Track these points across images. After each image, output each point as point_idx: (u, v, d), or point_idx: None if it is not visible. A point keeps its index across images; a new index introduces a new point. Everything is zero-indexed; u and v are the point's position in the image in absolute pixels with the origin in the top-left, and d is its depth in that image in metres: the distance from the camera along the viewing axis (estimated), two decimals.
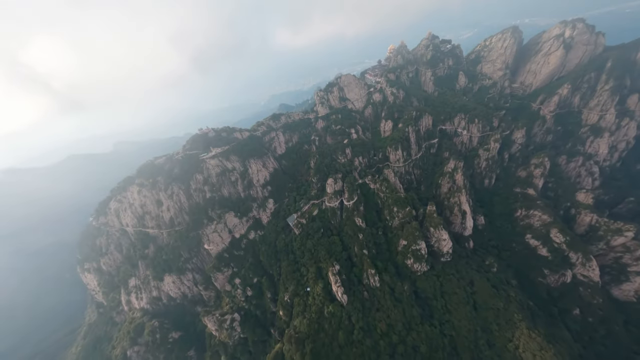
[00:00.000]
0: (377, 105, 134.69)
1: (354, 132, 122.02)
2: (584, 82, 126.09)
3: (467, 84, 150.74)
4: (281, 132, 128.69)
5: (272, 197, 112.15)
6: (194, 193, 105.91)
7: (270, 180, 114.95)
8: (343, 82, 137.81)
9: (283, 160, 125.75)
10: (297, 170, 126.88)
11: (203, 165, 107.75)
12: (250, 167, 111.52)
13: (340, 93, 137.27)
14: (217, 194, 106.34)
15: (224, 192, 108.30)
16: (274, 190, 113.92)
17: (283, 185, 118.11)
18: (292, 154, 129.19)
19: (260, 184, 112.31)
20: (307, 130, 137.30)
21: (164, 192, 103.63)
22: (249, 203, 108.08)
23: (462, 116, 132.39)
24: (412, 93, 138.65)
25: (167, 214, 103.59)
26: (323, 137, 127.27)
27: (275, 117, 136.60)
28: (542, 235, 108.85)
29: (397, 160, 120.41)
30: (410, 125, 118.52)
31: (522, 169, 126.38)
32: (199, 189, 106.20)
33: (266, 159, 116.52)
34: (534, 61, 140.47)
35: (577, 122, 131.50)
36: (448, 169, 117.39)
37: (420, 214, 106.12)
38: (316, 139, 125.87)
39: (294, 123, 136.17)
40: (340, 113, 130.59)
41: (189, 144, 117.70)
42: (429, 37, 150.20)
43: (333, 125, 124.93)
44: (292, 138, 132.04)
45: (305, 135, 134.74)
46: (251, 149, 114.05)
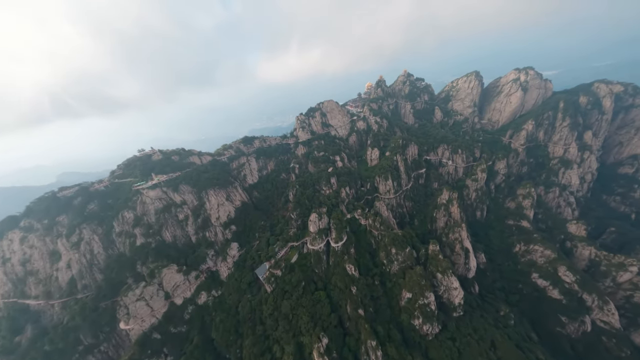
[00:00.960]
0: (362, 133, 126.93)
1: (339, 160, 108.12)
2: (545, 119, 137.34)
3: (443, 118, 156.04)
4: (254, 157, 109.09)
5: (236, 240, 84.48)
6: (118, 239, 72.32)
7: (236, 217, 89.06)
8: (325, 108, 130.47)
9: (255, 191, 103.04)
10: (272, 204, 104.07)
11: (138, 199, 76.95)
12: (209, 200, 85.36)
13: (322, 118, 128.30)
14: (154, 238, 74.21)
15: (166, 236, 76.73)
16: (240, 231, 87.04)
17: (253, 223, 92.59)
18: (267, 184, 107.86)
19: (221, 223, 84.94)
20: (286, 156, 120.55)
21: (65, 239, 68.28)
22: (202, 250, 77.49)
23: (445, 147, 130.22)
24: (394, 123, 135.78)
25: (65, 273, 65.94)
26: (304, 164, 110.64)
27: (247, 141, 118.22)
28: (549, 274, 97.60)
29: (387, 191, 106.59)
30: (399, 154, 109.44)
31: (510, 199, 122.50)
32: (127, 233, 73.08)
33: (232, 190, 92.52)
34: (498, 100, 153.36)
35: (545, 154, 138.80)
36: (442, 201, 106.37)
37: (422, 255, 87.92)
38: (296, 167, 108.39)
39: (270, 148, 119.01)
40: (323, 139, 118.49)
41: (120, 169, 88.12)
42: (405, 74, 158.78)
43: (316, 151, 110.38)
44: (267, 165, 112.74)
45: (283, 163, 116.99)
46: (212, 178, 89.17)
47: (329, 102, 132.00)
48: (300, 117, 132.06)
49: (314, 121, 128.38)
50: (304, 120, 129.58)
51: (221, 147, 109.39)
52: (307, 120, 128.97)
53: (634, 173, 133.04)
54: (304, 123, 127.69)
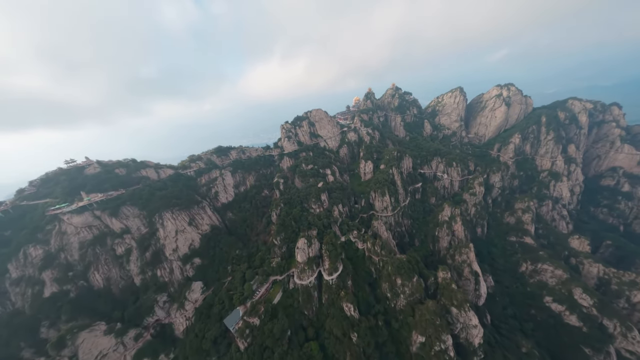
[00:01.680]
0: (353, 145, 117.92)
1: (329, 174, 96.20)
2: (530, 133, 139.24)
3: (432, 131, 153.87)
4: (229, 171, 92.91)
5: (200, 278, 64.12)
6: (14, 289, 49.04)
7: (202, 246, 69.61)
8: (314, 117, 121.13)
9: (229, 212, 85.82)
10: (250, 227, 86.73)
11: (54, 228, 54.75)
12: (164, 226, 64.24)
13: (311, 128, 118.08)
14: (75, 285, 51.95)
15: (95, 280, 54.64)
16: (206, 265, 66.94)
17: (225, 252, 73.32)
18: (245, 203, 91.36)
19: (179, 256, 64.10)
20: (269, 170, 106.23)
21: None
22: (150, 297, 56.36)
23: (439, 160, 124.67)
24: (386, 135, 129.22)
25: None
26: (290, 179, 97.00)
27: (221, 151, 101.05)
28: (564, 297, 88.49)
29: (384, 208, 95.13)
30: (395, 167, 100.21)
31: (509, 214, 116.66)
32: (29, 279, 49.93)
33: (198, 211, 73.66)
34: (483, 115, 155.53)
35: (533, 167, 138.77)
36: (444, 218, 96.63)
37: (432, 284, 74.79)
38: (281, 182, 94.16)
39: (250, 161, 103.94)
40: (311, 150, 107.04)
41: (34, 186, 64.79)
42: (393, 87, 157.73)
43: (304, 164, 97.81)
44: (246, 180, 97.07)
45: (265, 177, 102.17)
46: (170, 196, 69.23)
47: (317, 111, 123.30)
48: (286, 125, 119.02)
49: (302, 131, 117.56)
50: (290, 129, 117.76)
51: (187, 159, 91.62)
52: (294, 129, 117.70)
53: (616, 185, 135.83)
54: (290, 132, 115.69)
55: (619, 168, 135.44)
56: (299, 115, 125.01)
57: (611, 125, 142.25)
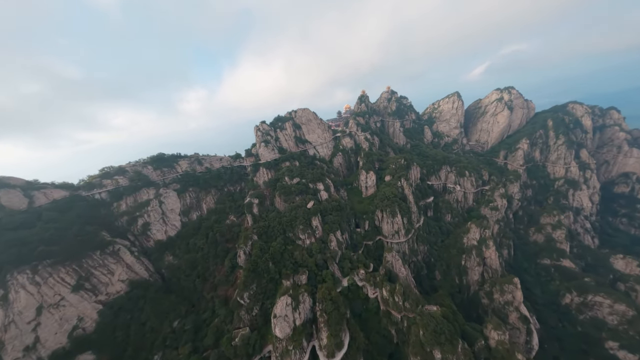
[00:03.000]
0: (349, 153, 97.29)
1: (322, 189, 72.90)
2: (538, 138, 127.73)
3: (433, 138, 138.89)
4: (174, 190, 64.35)
5: None
6: None
7: (102, 328, 37.89)
8: (300, 118, 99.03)
9: (169, 253, 56.97)
10: (203, 277, 55.84)
11: None
12: (9, 301, 33.00)
13: (296, 132, 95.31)
14: None
15: None
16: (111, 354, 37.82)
17: (149, 330, 43.99)
18: (197, 238, 60.17)
19: (47, 354, 32.97)
20: (237, 186, 79.96)
21: None
22: None
23: (448, 169, 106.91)
24: (386, 142, 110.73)
25: None
26: (268, 198, 72.05)
27: (161, 162, 70.16)
28: (635, 342, 67.59)
29: (395, 232, 72.50)
30: (404, 178, 79.49)
31: (535, 231, 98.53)
32: None
33: (102, 261, 43.54)
34: (484, 121, 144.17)
35: (545, 175, 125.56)
36: (470, 242, 75.39)
37: (481, 350, 50.53)
38: (254, 203, 68.70)
39: (208, 175, 75.20)
40: (297, 159, 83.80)
41: None
42: (389, 91, 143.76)
43: (287, 177, 73.60)
44: (201, 202, 68.97)
45: (231, 197, 75.05)
46: (34, 241, 38.48)
47: (304, 111, 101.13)
48: (263, 126, 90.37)
49: (285, 134, 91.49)
50: (269, 132, 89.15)
51: (98, 174, 59.26)
52: (273, 132, 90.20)
53: (631, 192, 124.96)
54: (269, 136, 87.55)
55: (632, 174, 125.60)
56: (280, 116, 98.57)
57: (615, 129, 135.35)
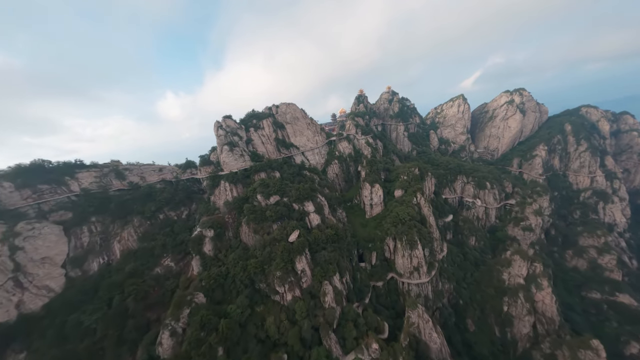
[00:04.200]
0: (347, 161, 78.41)
1: (312, 211, 52.16)
2: (556, 144, 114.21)
3: (439, 145, 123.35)
4: (55, 224, 37.06)
5: None
6: None
7: None
8: (283, 115, 76.14)
9: (21, 347, 29.94)
10: None
11: None
12: None
13: (278, 132, 72.67)
14: None
15: None
16: None
17: None
18: (88, 312, 33.60)
19: None
20: (182, 210, 55.92)
21: None
22: None
23: (464, 180, 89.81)
24: (390, 148, 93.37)
25: None
26: (231, 228, 49.49)
27: (36, 174, 42.71)
28: None
29: (414, 269, 52.69)
30: (420, 193, 60.76)
31: (574, 254, 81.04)
32: None
33: None
34: (493, 126, 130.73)
35: (567, 186, 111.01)
36: (515, 280, 56.43)
37: None
38: (207, 237, 45.65)
39: (133, 195, 50.22)
40: (278, 169, 63.23)
41: None
42: (389, 91, 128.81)
43: (261, 195, 51.99)
44: (110, 241, 41.50)
45: (169, 228, 50.26)
46: None
47: (288, 107, 76.22)
48: (227, 123, 64.09)
49: (261, 136, 68.12)
50: (236, 131, 63.40)
51: None
52: (244, 132, 65.31)
53: None
54: (236, 137, 62.22)
55: None
56: (255, 112, 73.64)
57: (632, 135, 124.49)
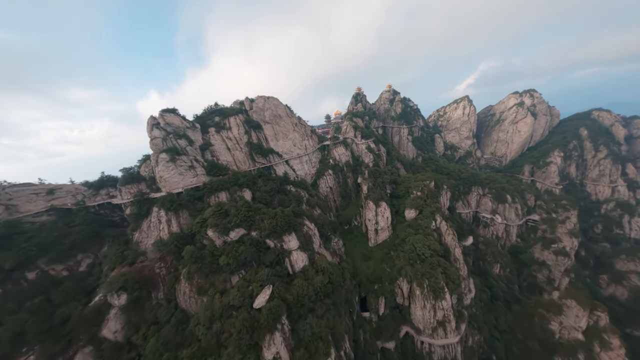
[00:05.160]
0: (344, 171, 64.00)
1: (295, 248, 35.84)
2: (572, 151, 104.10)
3: (445, 150, 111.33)
4: None
5: None
6: None
7: None
8: (260, 113, 56.51)
9: None
10: None
11: None
12: None
13: (252, 135, 53.77)
14: None
15: None
16: None
17: None
18: None
19: None
20: (81, 257, 34.63)
21: None
22: None
23: (479, 191, 77.14)
24: (393, 154, 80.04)
25: None
26: (162, 287, 31.69)
27: None
28: None
29: (439, 323, 38.21)
30: (440, 215, 46.84)
31: (610, 280, 68.85)
32: None
33: None
34: (500, 130, 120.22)
35: (585, 196, 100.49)
36: (568, 333, 42.90)
37: None
38: (113, 309, 28.03)
39: None
40: (248, 185, 44.40)
41: None
42: (390, 90, 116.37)
43: (214, 228, 32.91)
44: None
45: (36, 294, 29.77)
46: None
47: (267, 101, 58.78)
48: (168, 119, 45.19)
49: (226, 139, 50.73)
50: (183, 132, 45.52)
51: None
52: (197, 134, 47.60)
53: None
54: (183, 141, 44.19)
55: None
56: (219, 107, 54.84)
57: None
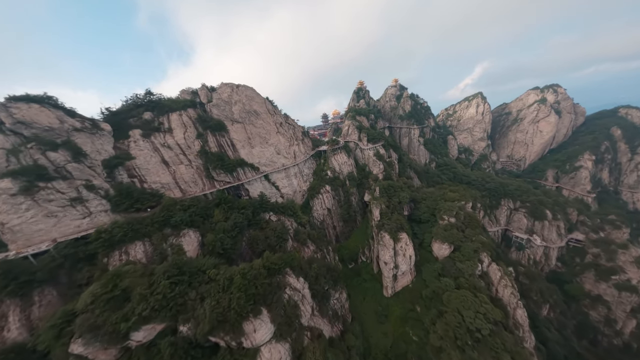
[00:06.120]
0: (346, 186, 49.42)
1: (264, 341, 19.74)
2: (604, 153, 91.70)
3: (459, 154, 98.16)
4: None
5: None
6: None
7: None
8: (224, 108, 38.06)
9: None
10: None
11: None
12: None
13: (210, 139, 34.03)
14: None
15: None
16: None
17: None
18: None
19: None
20: None
21: None
22: None
23: (509, 205, 63.77)
24: (405, 161, 66.49)
25: None
26: None
27: None
28: None
29: None
30: (488, 253, 32.97)
31: None
32: None
33: None
34: (519, 130, 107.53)
35: (620, 205, 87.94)
36: None
37: None
38: None
39: None
40: (196, 223, 26.77)
41: None
42: (397, 84, 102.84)
43: (96, 340, 16.74)
44: None
45: None
46: None
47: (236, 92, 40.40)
48: (30, 114, 25.94)
49: (161, 145, 32.69)
50: (70, 137, 27.60)
51: None
52: (107, 143, 29.21)
53: None
54: (69, 153, 26.48)
55: None
56: (153, 96, 36.04)
57: None
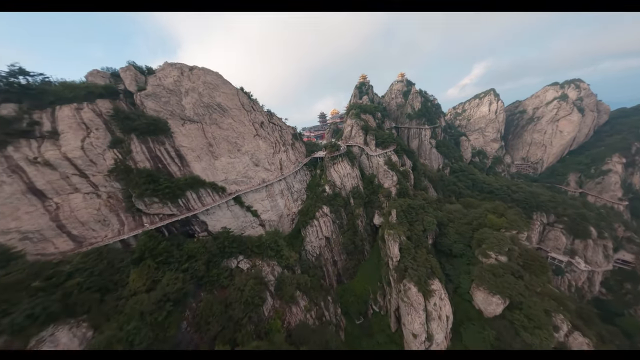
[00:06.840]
0: (349, 205, 38.32)
1: None
2: (634, 155, 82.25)
3: (473, 157, 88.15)
4: None
5: None
6: None
7: None
8: (164, 99, 24.85)
9: None
10: None
11: None
12: None
13: (137, 147, 22.84)
14: None
15: None
16: None
17: None
18: None
19: None
20: None
21: None
22: None
23: (542, 219, 53.68)
24: (419, 168, 56.16)
25: None
26: None
27: None
28: None
29: None
30: (567, 315, 22.20)
31: None
32: None
33: None
34: (536, 130, 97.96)
35: None
36: None
37: None
38: None
39: None
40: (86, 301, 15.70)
41: None
42: (403, 79, 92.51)
43: None
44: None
45: None
46: None
47: (192, 75, 26.18)
48: None
49: (34, 162, 19.99)
50: None
51: None
52: None
53: None
54: None
55: None
56: (33, 77, 21.27)
57: None
